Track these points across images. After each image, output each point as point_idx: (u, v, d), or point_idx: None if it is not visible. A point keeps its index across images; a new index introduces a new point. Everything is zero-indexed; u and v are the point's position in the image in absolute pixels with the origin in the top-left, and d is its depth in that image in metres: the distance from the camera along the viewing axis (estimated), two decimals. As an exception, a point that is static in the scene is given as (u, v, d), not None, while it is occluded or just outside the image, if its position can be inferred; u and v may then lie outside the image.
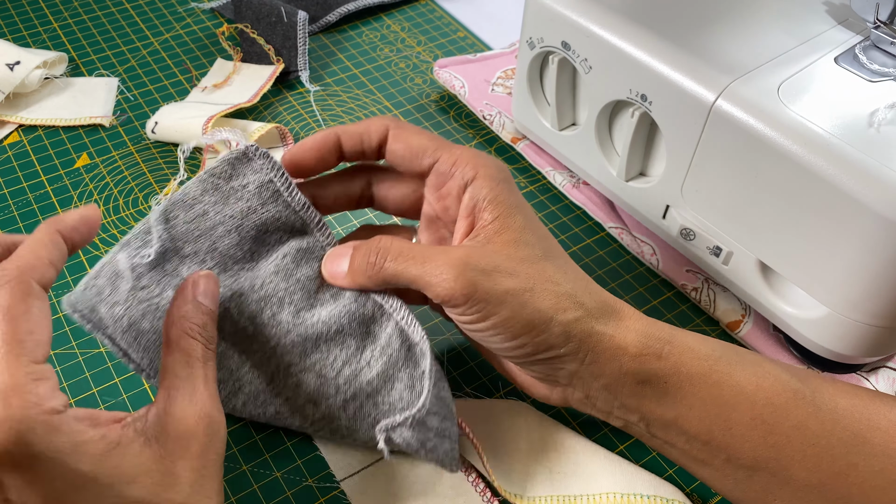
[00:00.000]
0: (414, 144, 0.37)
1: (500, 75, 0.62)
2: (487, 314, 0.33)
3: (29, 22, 0.67)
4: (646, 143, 0.47)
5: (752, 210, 0.41)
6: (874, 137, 0.38)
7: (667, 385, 0.35)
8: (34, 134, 0.57)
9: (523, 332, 0.33)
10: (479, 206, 0.36)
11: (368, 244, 0.36)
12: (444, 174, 0.37)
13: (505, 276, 0.34)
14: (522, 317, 0.33)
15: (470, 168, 0.36)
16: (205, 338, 0.32)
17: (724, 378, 0.35)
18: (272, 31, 0.63)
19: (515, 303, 0.33)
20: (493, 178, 0.36)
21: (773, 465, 0.34)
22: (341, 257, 0.37)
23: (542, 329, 0.33)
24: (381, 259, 0.35)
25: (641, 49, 0.43)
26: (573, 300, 0.34)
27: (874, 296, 0.38)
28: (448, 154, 0.37)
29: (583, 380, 0.35)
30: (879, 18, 0.42)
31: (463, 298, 0.33)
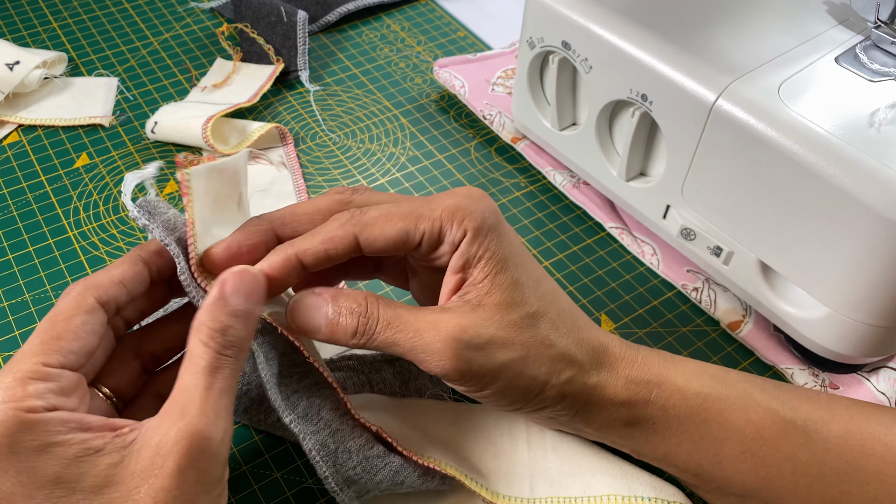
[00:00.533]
0: (393, 236, 0.33)
1: (500, 75, 0.62)
2: (483, 386, 0.33)
3: (29, 22, 0.67)
4: (646, 143, 0.47)
5: (752, 210, 0.41)
6: (875, 137, 0.38)
7: (655, 426, 0.35)
8: (34, 134, 0.57)
9: (519, 398, 0.34)
10: (470, 264, 0.33)
11: (350, 304, 0.33)
12: (434, 242, 0.34)
13: (499, 348, 0.33)
14: (518, 386, 0.33)
15: (456, 227, 0.33)
16: (220, 343, 0.29)
17: (713, 416, 0.35)
18: (272, 31, 0.62)
19: (511, 374, 0.33)
20: (482, 231, 0.33)
21: (764, 495, 0.34)
22: (314, 310, 0.33)
23: (537, 394, 0.34)
24: (368, 331, 0.33)
25: (642, 49, 0.43)
26: (566, 360, 0.34)
27: (875, 296, 0.38)
28: (430, 224, 0.33)
29: (574, 426, 0.37)
30: (880, 18, 0.42)
31: (458, 376, 0.32)
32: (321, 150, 0.57)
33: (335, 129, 0.59)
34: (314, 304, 0.33)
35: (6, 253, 0.49)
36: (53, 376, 0.28)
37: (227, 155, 0.55)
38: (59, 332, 0.29)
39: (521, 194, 0.55)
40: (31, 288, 0.47)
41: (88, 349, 0.30)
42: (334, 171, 0.56)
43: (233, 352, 0.30)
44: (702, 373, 0.36)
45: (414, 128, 0.60)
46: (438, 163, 0.57)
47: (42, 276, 0.48)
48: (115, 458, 0.27)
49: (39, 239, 0.50)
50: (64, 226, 0.51)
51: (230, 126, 0.57)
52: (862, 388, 0.44)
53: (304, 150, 0.57)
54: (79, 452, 0.27)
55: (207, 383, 0.29)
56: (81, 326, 0.29)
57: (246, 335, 0.31)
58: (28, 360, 0.28)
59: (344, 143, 0.58)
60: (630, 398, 0.35)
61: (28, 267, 0.48)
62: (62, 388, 0.28)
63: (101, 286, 0.30)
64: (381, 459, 0.35)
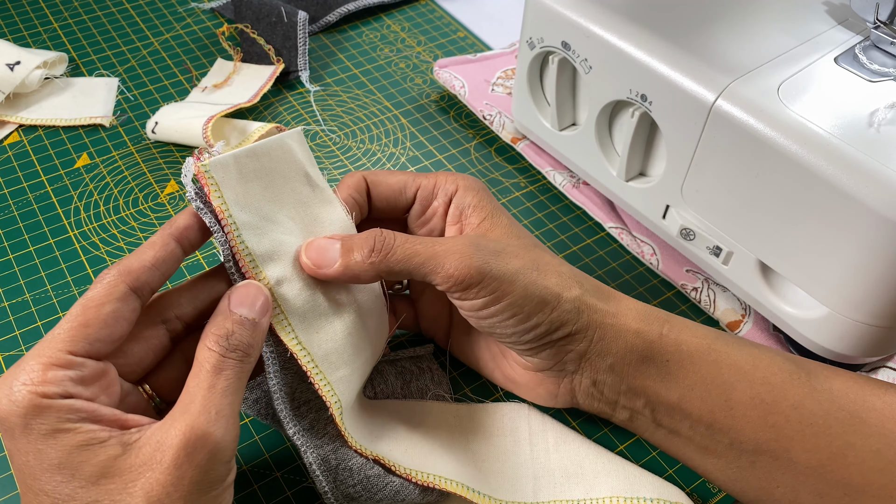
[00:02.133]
0: (393, 183, 0.39)
1: (500, 75, 0.62)
2: (501, 294, 0.34)
3: (29, 22, 0.67)
4: (646, 143, 0.47)
5: (752, 210, 0.41)
6: (874, 137, 0.38)
7: (668, 364, 0.35)
8: (34, 134, 0.57)
9: (537, 309, 0.34)
10: (465, 213, 0.38)
11: (364, 235, 0.35)
12: (427, 198, 0.39)
13: (512, 257, 0.35)
14: (534, 293, 0.34)
15: (450, 183, 0.38)
16: (223, 346, 0.30)
17: (723, 357, 0.36)
18: (272, 31, 0.63)
19: (527, 280, 0.34)
20: (473, 189, 0.38)
21: (773, 447, 0.34)
22: (327, 247, 0.34)
23: (555, 305, 0.34)
24: (386, 247, 0.34)
25: (641, 49, 0.43)
26: (574, 279, 0.36)
27: (874, 296, 0.38)
28: (426, 179, 0.39)
29: (591, 361, 0.36)
30: (879, 18, 0.42)
31: (478, 277, 0.33)
32: (321, 150, 0.57)
33: (335, 129, 0.59)
34: (326, 242, 0.34)
35: (6, 253, 0.49)
36: (76, 364, 0.29)
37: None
38: (89, 319, 0.29)
39: (521, 194, 0.55)
40: (31, 288, 0.47)
41: (116, 337, 0.30)
42: (334, 171, 0.56)
43: (237, 355, 0.30)
44: (702, 325, 0.38)
45: (414, 128, 0.60)
46: (438, 163, 0.57)
47: (42, 276, 0.48)
48: (116, 451, 0.28)
49: (40, 239, 0.50)
50: (64, 226, 0.51)
51: (230, 126, 0.57)
52: (861, 388, 0.44)
53: (305, 151, 0.57)
54: (83, 441, 0.27)
55: (210, 383, 0.29)
56: (111, 314, 0.30)
57: (251, 340, 0.31)
58: (54, 346, 0.28)
59: (344, 143, 0.58)
60: (642, 328, 0.36)
61: (28, 267, 0.48)
62: (82, 376, 0.29)
63: (134, 272, 0.31)
64: (382, 479, 0.35)
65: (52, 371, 0.28)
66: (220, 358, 0.30)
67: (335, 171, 0.56)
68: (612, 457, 0.39)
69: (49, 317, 0.46)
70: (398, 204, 0.39)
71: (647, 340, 0.35)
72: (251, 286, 0.32)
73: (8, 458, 0.28)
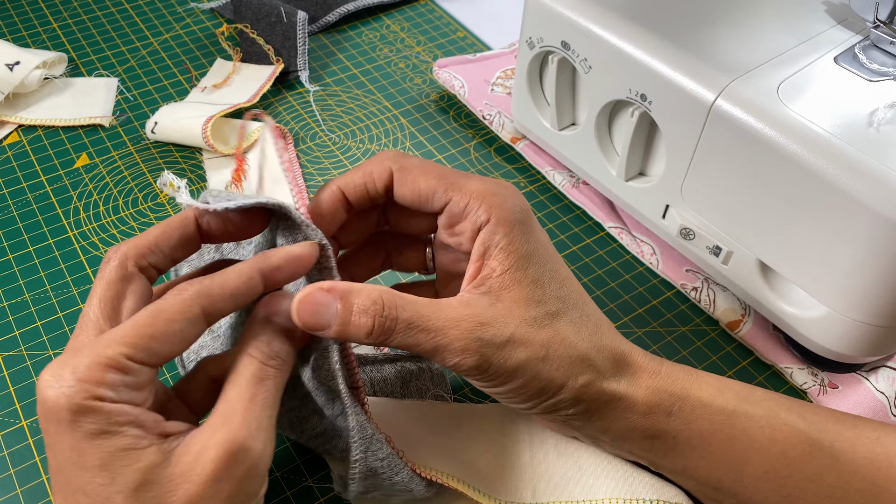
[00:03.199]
0: (422, 188, 0.34)
1: (499, 75, 0.62)
2: (500, 384, 0.33)
3: (29, 22, 0.67)
4: (645, 142, 0.47)
5: (751, 210, 0.41)
6: (874, 137, 0.38)
7: (676, 440, 0.34)
8: (34, 134, 0.57)
9: (534, 397, 0.33)
10: (490, 254, 0.33)
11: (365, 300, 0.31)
12: (457, 216, 0.34)
13: (518, 346, 0.32)
14: (534, 386, 0.33)
15: (483, 211, 0.33)
16: (265, 354, 0.30)
17: (738, 433, 0.34)
18: (272, 31, 0.63)
19: (528, 374, 0.33)
20: (507, 223, 0.33)
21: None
22: (323, 308, 0.31)
23: (553, 395, 0.33)
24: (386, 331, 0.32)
25: (641, 49, 0.43)
26: (586, 364, 0.33)
27: (874, 295, 0.38)
28: (459, 194, 0.34)
29: (590, 434, 0.36)
30: (879, 18, 0.42)
31: (477, 372, 0.32)
32: (321, 150, 0.57)
33: (335, 129, 0.59)
34: (322, 300, 0.31)
35: (6, 253, 0.49)
36: (133, 371, 0.28)
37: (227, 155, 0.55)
38: (157, 331, 0.28)
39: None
40: (31, 288, 0.47)
41: (175, 354, 0.29)
42: (334, 171, 0.56)
43: (277, 363, 0.30)
44: (726, 389, 0.35)
45: (414, 128, 0.60)
46: (438, 163, 0.57)
47: (42, 276, 0.48)
48: (157, 459, 0.27)
49: (39, 239, 0.50)
50: (64, 226, 0.51)
51: (230, 126, 0.57)
52: (861, 388, 0.44)
53: (304, 150, 0.57)
54: (125, 446, 0.27)
55: (251, 394, 0.29)
56: (179, 333, 0.29)
57: (290, 349, 0.31)
58: (116, 347, 0.28)
59: (344, 143, 0.58)
60: (651, 409, 0.34)
61: (28, 267, 0.48)
62: (137, 383, 0.28)
63: (213, 298, 0.30)
64: (401, 462, 0.35)
65: (111, 374, 0.27)
66: (260, 366, 0.29)
67: (335, 171, 0.56)
68: (612, 458, 0.39)
69: (48, 317, 0.46)
70: (423, 209, 0.35)
71: (654, 421, 0.34)
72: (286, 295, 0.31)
73: (47, 449, 0.28)
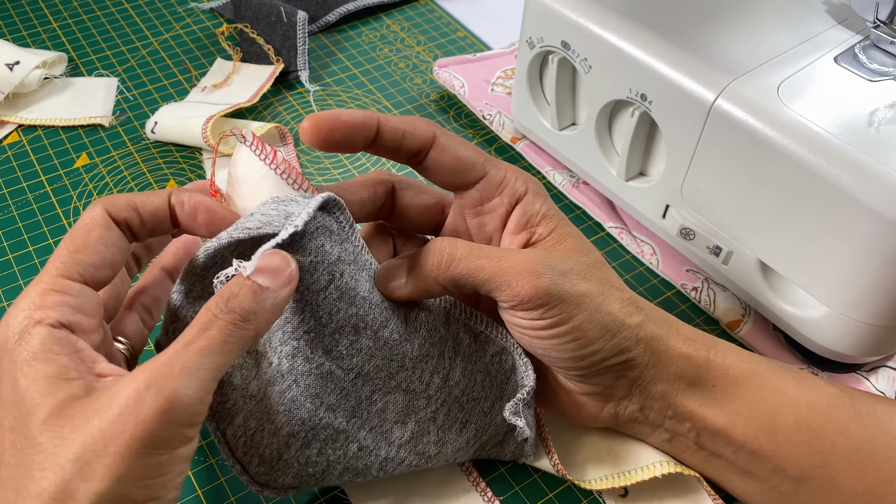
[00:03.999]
0: (463, 157, 0.35)
1: (499, 75, 0.62)
2: (566, 318, 0.33)
3: (28, 22, 0.67)
4: (646, 142, 0.47)
5: (751, 209, 0.41)
6: (874, 137, 0.38)
7: (715, 389, 0.35)
8: (34, 134, 0.57)
9: (599, 335, 0.33)
10: (534, 221, 0.35)
11: (427, 248, 0.34)
12: (490, 190, 0.35)
13: (579, 278, 0.33)
14: (598, 320, 0.33)
15: (520, 184, 0.35)
16: (220, 308, 0.28)
17: (767, 381, 0.35)
18: (272, 31, 0.62)
19: (592, 306, 0.33)
20: (542, 195, 0.36)
21: (819, 474, 0.34)
22: (396, 270, 0.34)
23: (616, 332, 0.34)
24: (449, 258, 0.33)
25: (641, 49, 0.43)
26: (635, 305, 0.35)
27: (874, 295, 0.38)
28: (496, 169, 0.35)
29: (641, 387, 0.36)
30: (879, 18, 0.42)
31: (546, 299, 0.32)
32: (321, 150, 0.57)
33: (335, 129, 0.59)
34: (395, 263, 0.34)
35: (6, 253, 0.49)
36: (71, 290, 0.28)
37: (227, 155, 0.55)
38: (77, 245, 0.29)
39: None
40: (31, 288, 0.47)
41: (108, 262, 0.29)
42: (334, 171, 0.56)
43: (231, 317, 0.28)
44: (744, 350, 0.37)
45: (414, 128, 0.60)
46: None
47: (42, 275, 0.48)
48: (79, 392, 0.26)
49: (39, 239, 0.50)
50: (64, 226, 0.51)
51: (230, 126, 0.57)
52: (861, 388, 0.44)
53: (304, 150, 0.57)
54: (54, 373, 0.26)
55: (188, 339, 0.27)
56: (99, 239, 0.29)
57: (252, 307, 0.28)
58: (52, 270, 0.28)
59: (344, 143, 0.58)
60: (691, 353, 0.35)
61: (28, 267, 0.48)
62: (80, 304, 0.28)
63: (117, 204, 0.30)
64: None
65: (50, 296, 0.27)
66: (210, 317, 0.28)
67: (334, 171, 0.56)
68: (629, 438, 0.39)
69: (48, 317, 0.46)
70: (457, 180, 0.35)
71: (696, 366, 0.35)
72: (277, 255, 0.29)
73: None
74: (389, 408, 0.34)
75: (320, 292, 0.32)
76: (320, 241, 0.31)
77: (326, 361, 0.33)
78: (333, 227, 0.32)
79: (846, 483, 0.34)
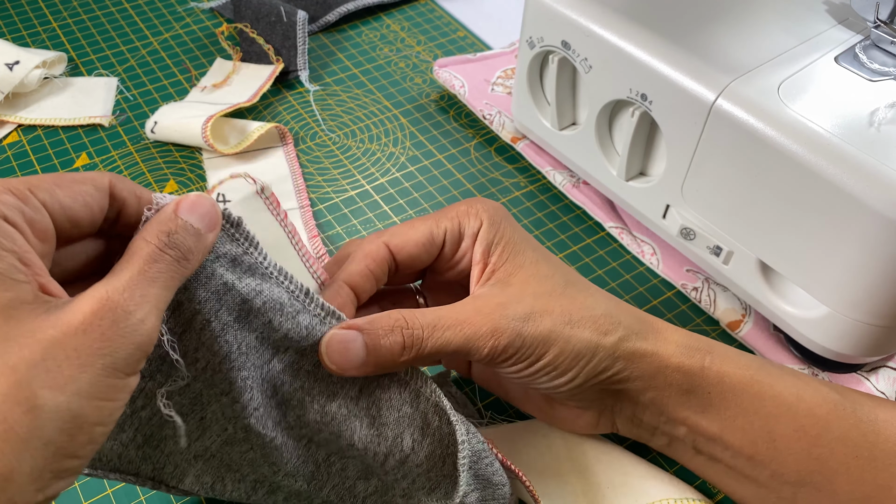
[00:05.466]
0: (419, 239, 0.36)
1: (499, 75, 0.62)
2: (536, 357, 0.33)
3: (28, 22, 0.67)
4: (646, 142, 0.47)
5: (752, 209, 0.41)
6: (874, 137, 0.38)
7: (710, 396, 0.35)
8: (33, 134, 0.57)
9: (573, 364, 0.34)
10: (489, 251, 0.36)
11: (386, 324, 0.32)
12: (456, 240, 0.36)
13: (541, 316, 0.33)
14: (570, 350, 0.33)
15: (473, 218, 0.36)
16: (163, 242, 0.27)
17: (766, 389, 0.35)
18: (272, 31, 0.62)
19: (561, 339, 0.33)
20: (496, 221, 0.36)
21: (817, 479, 0.34)
22: (349, 344, 0.32)
23: (591, 356, 0.34)
24: (416, 340, 0.32)
25: (641, 48, 0.43)
26: (612, 321, 0.35)
27: (874, 295, 0.38)
28: (450, 222, 0.36)
29: (629, 397, 0.36)
30: (879, 18, 0.42)
31: (513, 350, 0.33)
32: (321, 150, 0.57)
33: (335, 129, 0.59)
34: (346, 337, 0.32)
35: (6, 253, 0.49)
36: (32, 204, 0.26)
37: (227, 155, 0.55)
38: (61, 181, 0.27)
39: (521, 194, 0.55)
40: (30, 288, 0.47)
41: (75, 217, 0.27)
42: (334, 170, 0.56)
43: (175, 253, 0.27)
44: (745, 354, 0.37)
45: (414, 128, 0.60)
46: (438, 163, 0.57)
47: (42, 275, 0.48)
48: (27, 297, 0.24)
49: (39, 239, 0.50)
50: (64, 226, 0.51)
51: (230, 126, 0.57)
52: (861, 388, 0.44)
53: (304, 150, 0.57)
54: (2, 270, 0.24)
55: (141, 268, 0.26)
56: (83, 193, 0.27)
57: (193, 247, 0.28)
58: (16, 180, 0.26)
59: (344, 143, 0.58)
60: (684, 362, 0.35)
61: (28, 267, 0.48)
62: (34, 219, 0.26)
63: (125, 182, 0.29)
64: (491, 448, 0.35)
65: (7, 196, 0.25)
66: (155, 250, 0.27)
67: (335, 170, 0.56)
68: (650, 465, 0.39)
69: (48, 317, 0.46)
70: (427, 258, 0.36)
71: (689, 374, 0.35)
72: (204, 198, 0.29)
73: None
74: (349, 467, 0.34)
75: (262, 367, 0.31)
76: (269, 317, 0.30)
77: (279, 434, 0.32)
78: (284, 300, 0.31)
79: (844, 489, 0.34)
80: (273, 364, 0.31)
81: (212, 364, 0.30)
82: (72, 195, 0.28)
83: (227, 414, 0.31)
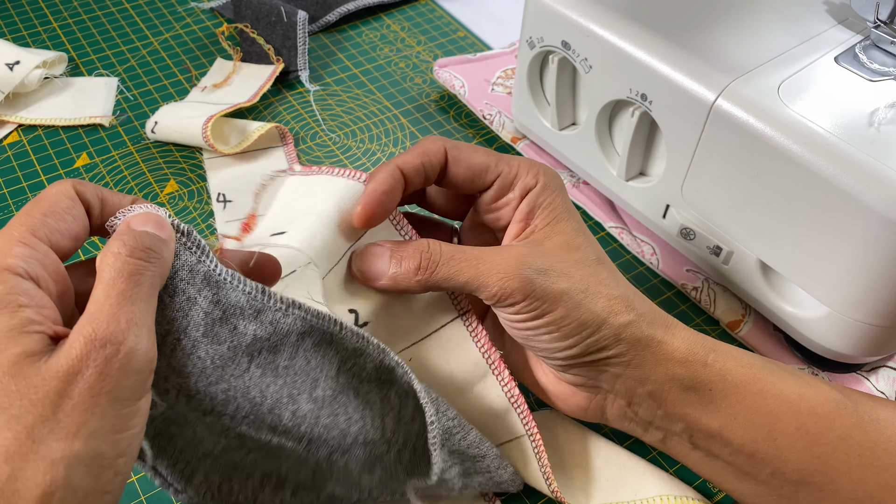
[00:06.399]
0: (476, 164, 0.37)
1: (500, 75, 0.62)
2: (543, 312, 0.34)
3: (29, 22, 0.67)
4: (646, 142, 0.47)
5: (752, 209, 0.41)
6: (874, 137, 0.38)
7: (712, 392, 0.35)
8: (34, 134, 0.57)
9: (576, 332, 0.34)
10: (534, 213, 0.36)
11: (412, 248, 0.35)
12: (506, 187, 0.37)
13: (560, 276, 0.34)
14: (576, 317, 0.34)
15: (531, 177, 0.37)
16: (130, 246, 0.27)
17: (768, 387, 0.35)
18: (272, 31, 0.62)
19: (570, 303, 0.34)
20: (552, 186, 0.37)
21: (819, 479, 0.34)
22: (378, 257, 0.35)
23: (595, 330, 0.34)
24: (431, 264, 0.34)
25: (641, 48, 0.43)
26: (626, 304, 0.35)
27: (874, 295, 0.38)
28: (508, 167, 0.37)
29: (626, 384, 0.36)
30: (879, 18, 0.42)
31: (521, 295, 0.33)
32: (321, 150, 0.57)
33: (335, 129, 0.59)
34: (377, 251, 0.35)
35: (6, 253, 0.49)
36: (40, 249, 0.27)
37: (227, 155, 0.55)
38: (45, 210, 0.27)
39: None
40: (31, 288, 0.47)
41: (73, 234, 0.28)
42: (334, 170, 0.56)
43: (145, 254, 0.27)
44: (749, 353, 0.37)
45: (414, 128, 0.60)
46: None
47: (42, 275, 0.48)
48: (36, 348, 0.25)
49: (39, 239, 0.50)
50: (64, 225, 0.51)
51: (230, 126, 0.57)
52: (861, 388, 0.44)
53: (304, 150, 0.57)
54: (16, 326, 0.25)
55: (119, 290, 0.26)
56: (67, 209, 0.28)
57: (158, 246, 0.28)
58: (17, 229, 0.27)
59: (344, 143, 0.58)
60: (687, 357, 0.35)
61: (28, 267, 0.48)
62: (46, 264, 0.27)
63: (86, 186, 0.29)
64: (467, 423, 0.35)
65: (20, 247, 0.26)
66: (125, 258, 0.27)
67: (335, 170, 0.56)
68: (647, 462, 0.39)
69: (49, 317, 0.46)
70: (475, 186, 0.37)
71: (692, 369, 0.35)
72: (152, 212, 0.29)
73: None
74: (351, 463, 0.34)
75: (242, 375, 0.31)
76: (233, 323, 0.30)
77: (274, 437, 0.32)
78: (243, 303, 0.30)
79: (846, 488, 0.34)
80: (252, 371, 0.31)
81: (184, 388, 0.29)
82: (61, 218, 0.28)
83: (215, 430, 0.31)
